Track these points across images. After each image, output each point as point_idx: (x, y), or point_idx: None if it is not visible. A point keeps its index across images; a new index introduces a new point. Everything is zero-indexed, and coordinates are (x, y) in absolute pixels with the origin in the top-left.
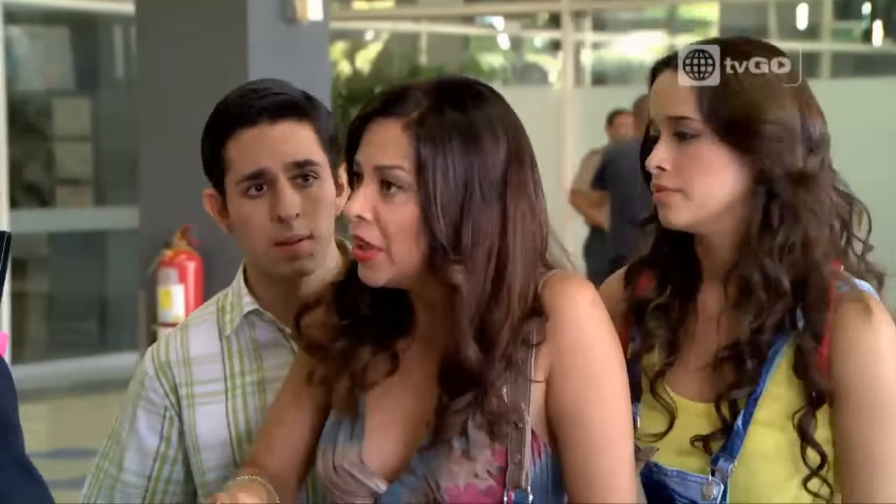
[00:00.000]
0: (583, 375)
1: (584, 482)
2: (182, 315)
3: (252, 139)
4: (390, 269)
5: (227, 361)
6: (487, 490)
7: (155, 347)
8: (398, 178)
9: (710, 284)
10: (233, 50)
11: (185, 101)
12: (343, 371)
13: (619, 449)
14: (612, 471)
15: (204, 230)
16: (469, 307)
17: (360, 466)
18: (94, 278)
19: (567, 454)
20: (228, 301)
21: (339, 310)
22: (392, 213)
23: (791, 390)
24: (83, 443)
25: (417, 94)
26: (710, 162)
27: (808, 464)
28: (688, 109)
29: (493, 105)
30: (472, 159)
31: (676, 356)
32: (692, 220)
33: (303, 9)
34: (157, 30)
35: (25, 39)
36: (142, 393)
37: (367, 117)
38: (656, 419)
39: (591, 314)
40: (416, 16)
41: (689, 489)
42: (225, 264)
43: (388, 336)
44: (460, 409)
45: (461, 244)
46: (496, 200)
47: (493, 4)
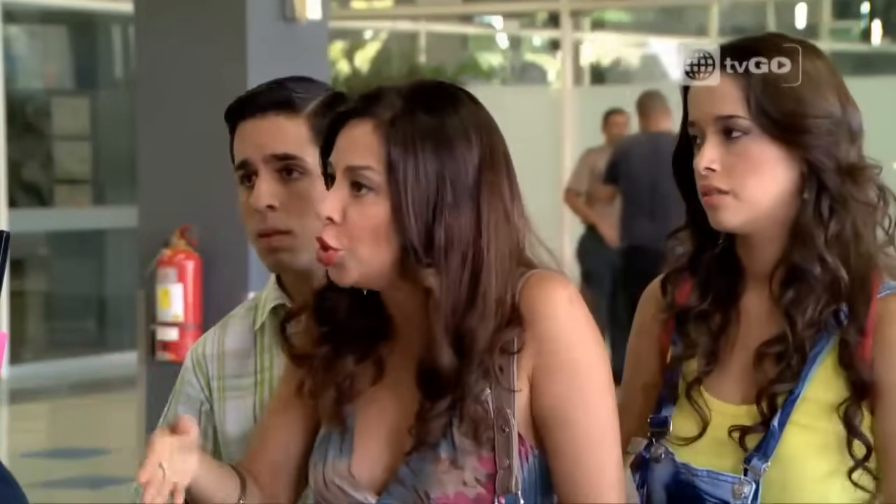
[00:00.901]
0: (565, 376)
1: (572, 483)
2: (181, 314)
3: (243, 131)
4: (357, 268)
5: (258, 356)
6: (477, 498)
7: (197, 342)
8: (368, 178)
9: (752, 286)
10: (231, 49)
11: (184, 101)
12: (328, 383)
13: (606, 448)
14: (600, 470)
15: (203, 230)
16: (443, 311)
17: (350, 480)
18: (92, 278)
19: (554, 456)
20: (262, 297)
21: (318, 317)
22: (361, 215)
23: (831, 390)
24: (82, 442)
25: (392, 95)
26: (760, 160)
27: (853, 455)
28: (736, 108)
29: (465, 107)
30: (444, 161)
31: (716, 364)
32: (744, 220)
33: (301, 8)
34: (156, 29)
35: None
36: (181, 388)
37: (341, 118)
38: (690, 424)
39: (571, 313)
40: (414, 15)
41: (720, 488)
42: (224, 264)
43: (370, 341)
44: (439, 413)
45: (433, 246)
46: (469, 202)
47: (492, 4)
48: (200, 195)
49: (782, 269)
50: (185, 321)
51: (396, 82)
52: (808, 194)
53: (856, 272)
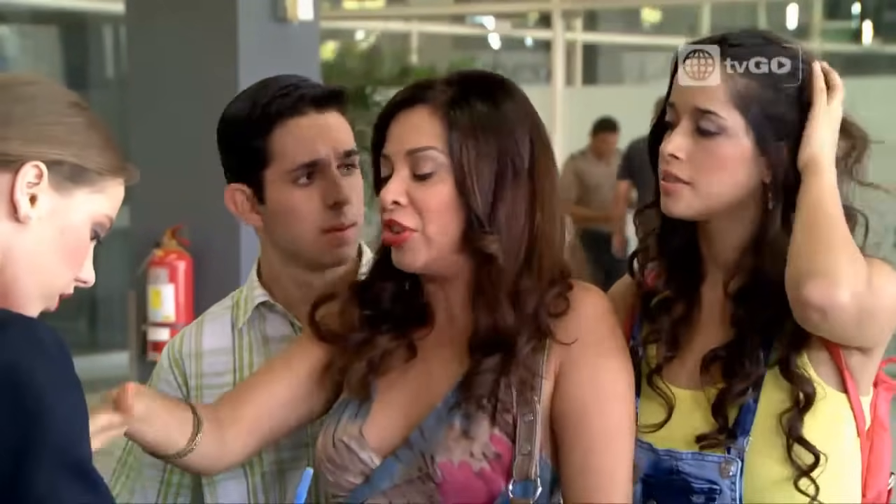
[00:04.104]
0: (591, 371)
1: (583, 480)
2: (172, 315)
3: (305, 128)
4: (426, 250)
5: (237, 354)
6: (480, 472)
7: (172, 341)
8: (432, 157)
9: (712, 277)
10: (223, 49)
11: (175, 101)
12: (360, 357)
13: (620, 448)
14: (613, 470)
15: (195, 230)
16: (505, 276)
17: (359, 439)
18: None
19: (568, 452)
20: (242, 296)
21: (362, 302)
22: (427, 194)
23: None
24: None
25: (442, 84)
26: (726, 159)
27: (798, 464)
28: (717, 104)
29: (516, 93)
30: (502, 140)
31: (674, 356)
32: (695, 213)
33: (293, 8)
34: (147, 29)
35: (15, 39)
36: (158, 385)
37: (392, 112)
38: (654, 410)
39: (607, 320)
40: (406, 15)
41: (706, 469)
42: (215, 264)
43: (406, 325)
44: (490, 368)
45: (496, 219)
46: (526, 180)
47: (484, 4)
48: (192, 196)
49: (742, 271)
50: (176, 321)
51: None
52: (772, 204)
53: None
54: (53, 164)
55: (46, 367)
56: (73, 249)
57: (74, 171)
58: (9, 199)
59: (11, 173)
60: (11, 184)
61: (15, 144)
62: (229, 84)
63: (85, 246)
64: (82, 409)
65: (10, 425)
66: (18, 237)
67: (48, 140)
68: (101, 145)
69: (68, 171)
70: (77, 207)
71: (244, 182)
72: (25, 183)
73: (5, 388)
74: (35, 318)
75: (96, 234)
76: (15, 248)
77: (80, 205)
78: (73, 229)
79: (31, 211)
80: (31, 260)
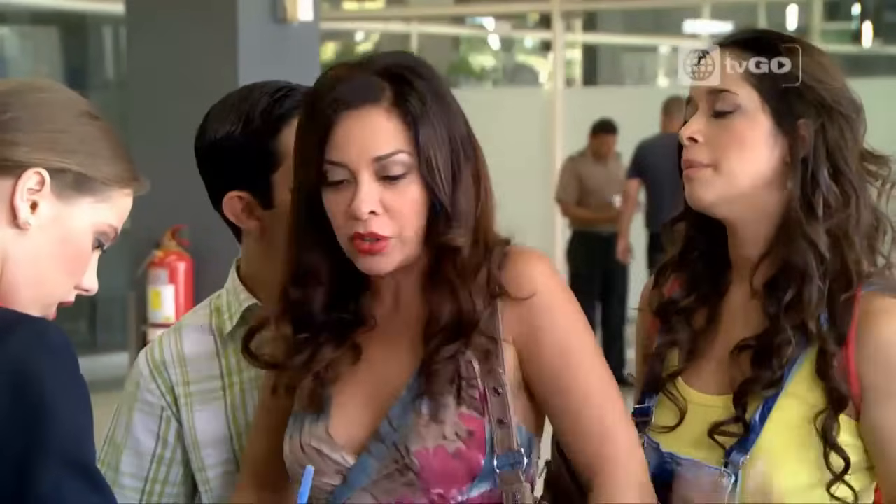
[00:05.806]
0: (556, 343)
1: (582, 436)
2: (172, 316)
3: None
4: (401, 253)
5: (222, 359)
6: (457, 452)
7: (149, 349)
8: (401, 161)
9: (738, 280)
10: (223, 50)
11: (175, 102)
12: (307, 373)
13: (609, 405)
14: (613, 423)
15: (194, 231)
16: (469, 266)
17: (328, 441)
18: None
19: (559, 417)
20: (224, 301)
21: (295, 325)
22: (400, 199)
23: (812, 393)
24: None
25: (373, 78)
26: (745, 136)
27: (831, 469)
28: (729, 82)
29: (433, 68)
30: (450, 120)
31: (695, 358)
32: (719, 196)
33: (293, 9)
34: (148, 30)
35: (15, 40)
36: (137, 395)
37: (332, 116)
38: (669, 414)
39: (553, 283)
40: (406, 16)
41: (701, 478)
42: (215, 265)
43: (346, 331)
44: (451, 355)
45: (457, 207)
46: (472, 155)
47: (484, 5)
48: (192, 197)
49: (767, 263)
50: None
51: (344, 66)
52: (791, 183)
53: (840, 276)
54: (57, 171)
55: (53, 368)
56: (74, 258)
57: (79, 179)
58: (9, 204)
59: (13, 179)
60: (12, 189)
61: (20, 150)
62: (229, 85)
63: (86, 255)
64: (88, 410)
65: (16, 424)
66: (18, 243)
67: (54, 147)
68: (109, 155)
69: (72, 180)
70: (79, 216)
71: (244, 189)
72: (26, 189)
73: (12, 387)
74: (45, 320)
75: (99, 244)
76: (14, 254)
77: (83, 214)
78: (74, 238)
79: (30, 217)
80: (30, 266)
